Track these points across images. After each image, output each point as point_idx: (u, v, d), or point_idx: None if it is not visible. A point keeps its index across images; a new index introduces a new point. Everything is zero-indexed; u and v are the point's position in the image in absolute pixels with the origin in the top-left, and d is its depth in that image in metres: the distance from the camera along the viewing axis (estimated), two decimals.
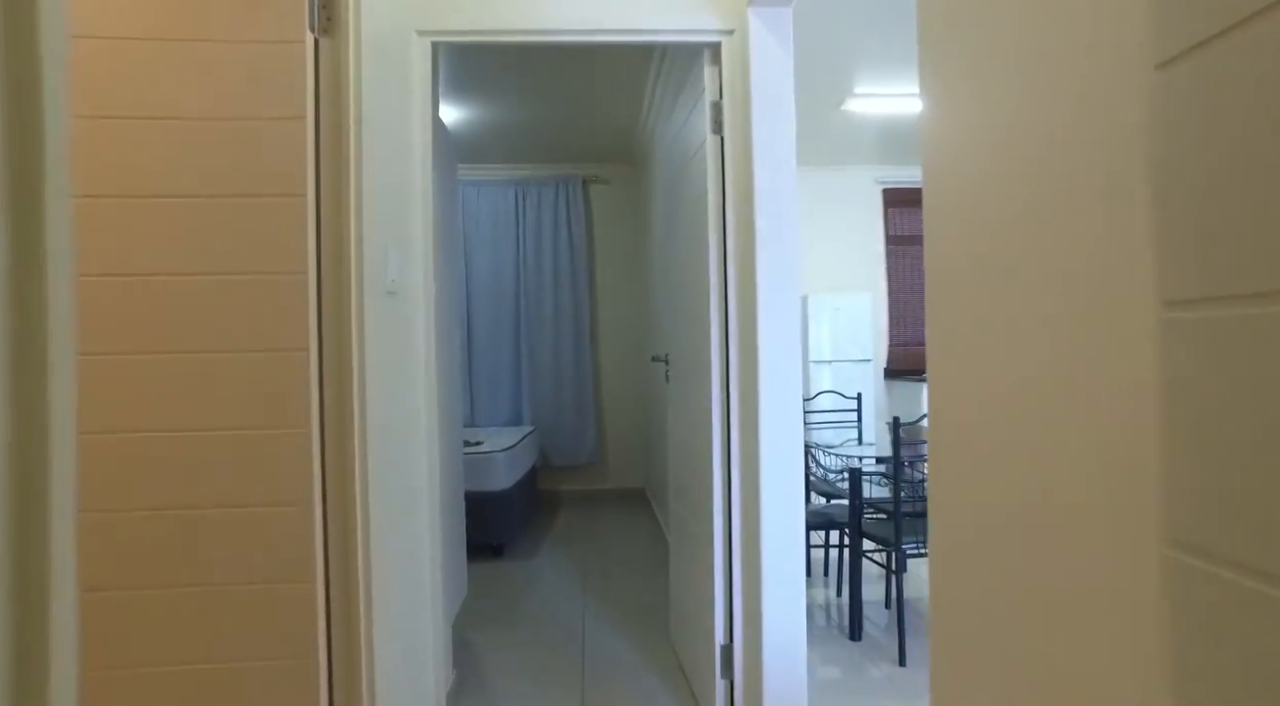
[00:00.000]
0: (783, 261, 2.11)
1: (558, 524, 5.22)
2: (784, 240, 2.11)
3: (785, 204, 2.13)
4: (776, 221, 2.11)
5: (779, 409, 2.06)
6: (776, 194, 2.12)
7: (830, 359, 5.53)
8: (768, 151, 2.14)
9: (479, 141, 5.32)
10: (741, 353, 2.14)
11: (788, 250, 2.12)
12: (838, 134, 5.18)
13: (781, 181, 2.14)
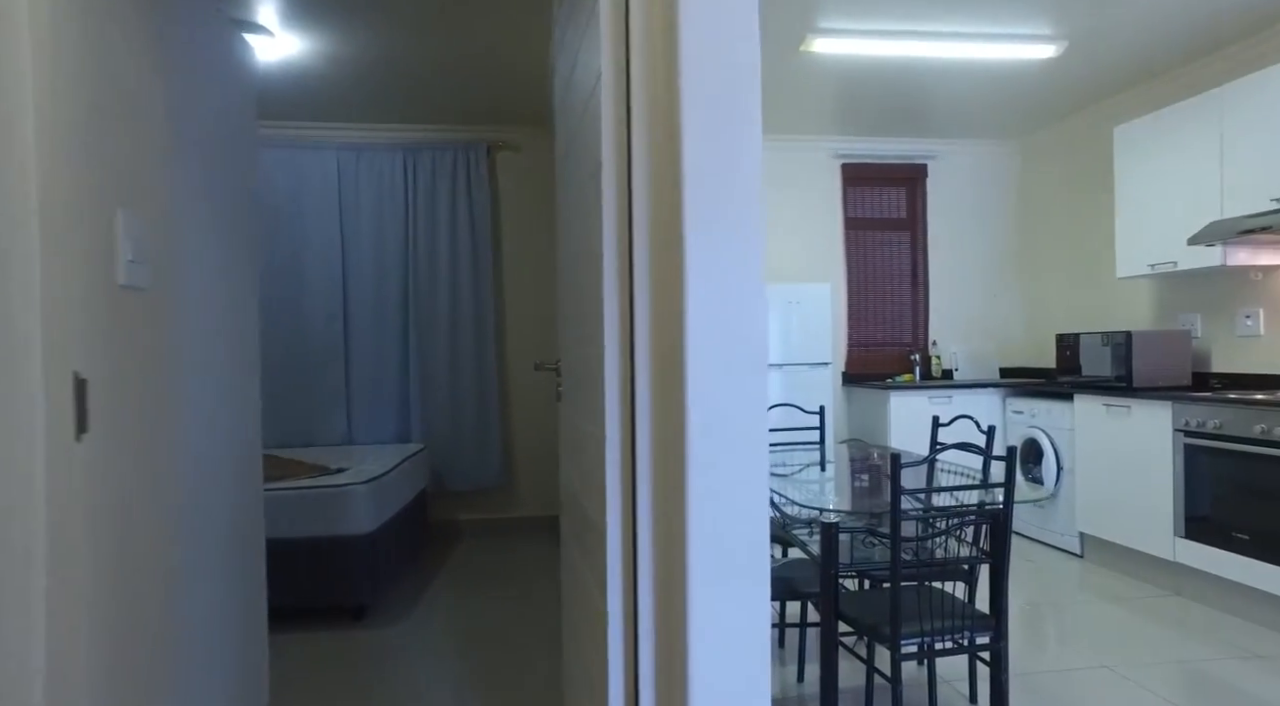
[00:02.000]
0: (729, 250, 1.15)
1: (449, 564, 4.19)
2: (732, 222, 1.16)
3: (736, 169, 1.18)
4: (719, 195, 1.16)
5: (721, 456, 1.12)
6: (721, 154, 1.16)
7: (783, 362, 4.66)
8: (705, 83, 1.18)
9: (353, 91, 4.25)
10: (657, 370, 1.19)
11: (738, 236, 1.16)
12: (792, 91, 4.30)
13: (731, 134, 1.18)
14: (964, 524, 2.05)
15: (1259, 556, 3.08)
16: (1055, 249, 5.12)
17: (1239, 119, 3.44)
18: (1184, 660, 2.79)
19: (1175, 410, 3.45)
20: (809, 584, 2.43)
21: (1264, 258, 3.58)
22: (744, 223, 1.09)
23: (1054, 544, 4.31)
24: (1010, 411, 4.63)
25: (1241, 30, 3.58)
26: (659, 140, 1.19)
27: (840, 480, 2.69)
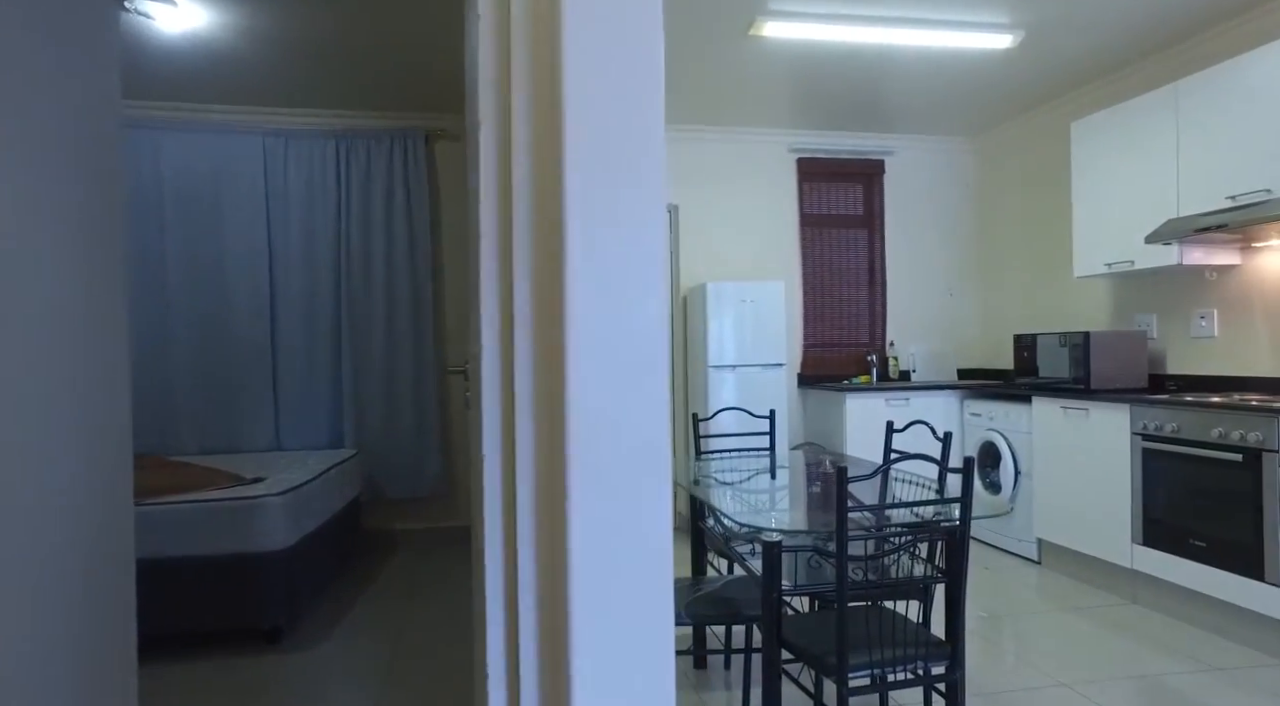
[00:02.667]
0: (620, 231, 0.95)
1: (382, 578, 3.92)
2: (625, 196, 0.95)
3: (630, 133, 0.96)
4: (609, 162, 0.94)
5: (609, 470, 0.91)
6: (612, 115, 0.95)
7: (736, 364, 4.48)
8: (593, 34, 0.96)
9: (279, 72, 3.96)
10: (541, 370, 0.97)
11: (632, 214, 0.95)
12: (744, 80, 4.12)
13: (623, 92, 0.96)
14: (918, 540, 1.88)
15: (1216, 564, 2.98)
16: (1013, 247, 5.03)
17: (1194, 115, 3.36)
18: (1143, 674, 2.66)
19: (1133, 413, 3.35)
20: (754, 605, 2.24)
21: (1218, 257, 3.50)
22: (639, 198, 0.89)
23: (1012, 550, 4.20)
24: (968, 414, 4.51)
25: (1198, 23, 3.49)
26: (543, 108, 0.97)
27: (792, 489, 2.51)
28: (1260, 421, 2.83)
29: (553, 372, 0.93)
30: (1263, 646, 2.86)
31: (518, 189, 0.98)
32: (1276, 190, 3.02)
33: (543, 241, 0.96)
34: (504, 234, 1.00)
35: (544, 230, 0.96)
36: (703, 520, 2.83)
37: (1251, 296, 3.48)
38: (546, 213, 0.97)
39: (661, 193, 0.93)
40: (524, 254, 0.96)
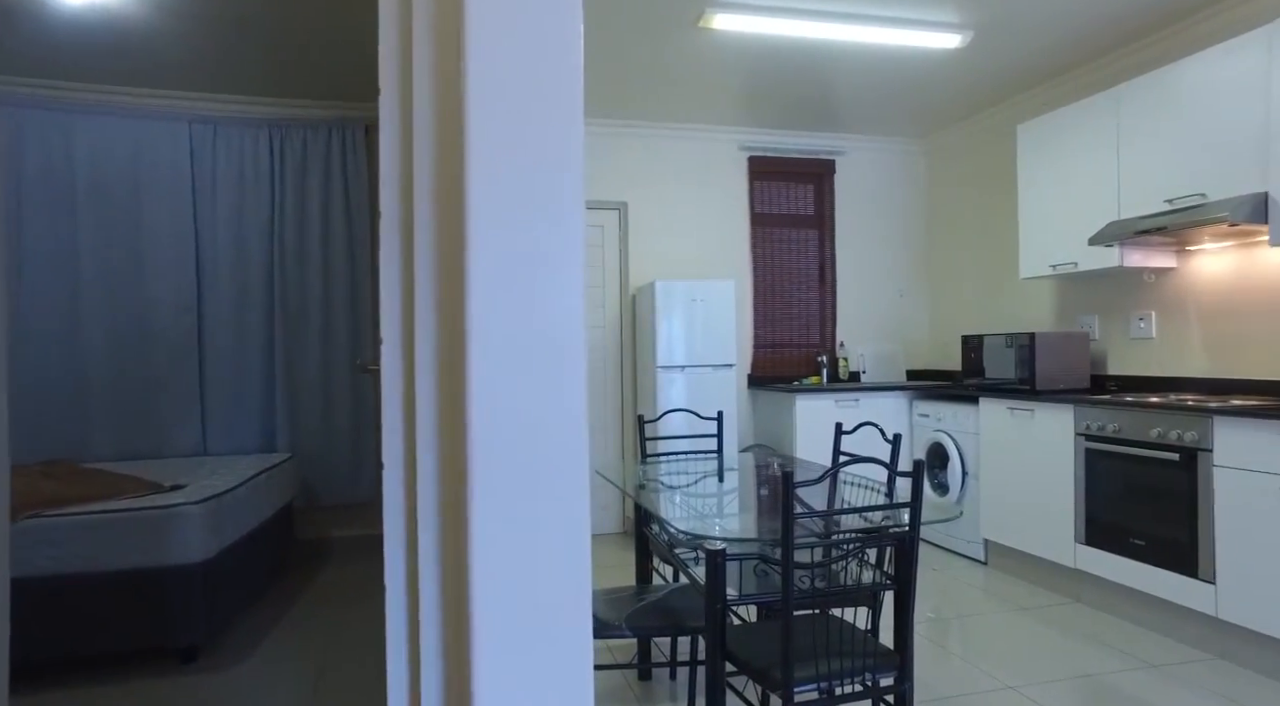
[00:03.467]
0: (532, 211, 0.84)
1: (313, 589, 3.73)
2: (539, 192, 0.84)
3: (543, 123, 0.86)
4: (518, 133, 0.84)
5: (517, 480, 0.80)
6: (520, 101, 0.85)
7: (685, 364, 4.40)
8: (495, 8, 0.86)
9: (205, 55, 3.73)
10: (444, 368, 0.86)
11: (545, 191, 0.84)
12: (694, 75, 4.05)
13: (537, 73, 0.87)
14: (867, 546, 1.81)
15: (1154, 562, 3.01)
16: (962, 249, 5.07)
17: (1134, 119, 3.40)
18: (1086, 674, 2.66)
19: (1077, 413, 3.38)
20: (698, 615, 2.15)
21: (1156, 259, 3.55)
22: (555, 183, 0.78)
23: (959, 551, 4.21)
24: (917, 415, 4.52)
25: (1140, 29, 3.54)
26: (447, 82, 0.86)
27: (741, 492, 2.43)
28: (1196, 421, 2.86)
29: (456, 373, 0.82)
30: (1196, 642, 2.90)
31: (419, 173, 0.86)
32: (1210, 194, 3.07)
33: (447, 230, 0.85)
34: (405, 221, 0.88)
35: (448, 217, 0.85)
36: (647, 526, 2.74)
37: (1186, 299, 3.54)
38: (451, 199, 0.85)
39: (580, 177, 0.83)
40: (426, 242, 0.85)
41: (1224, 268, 3.38)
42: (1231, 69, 3.00)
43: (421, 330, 0.85)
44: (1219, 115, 3.04)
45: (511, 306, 0.76)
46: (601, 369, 4.86)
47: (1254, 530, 2.65)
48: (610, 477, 2.68)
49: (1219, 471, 2.77)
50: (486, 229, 0.77)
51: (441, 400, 0.84)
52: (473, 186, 0.78)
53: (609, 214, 4.90)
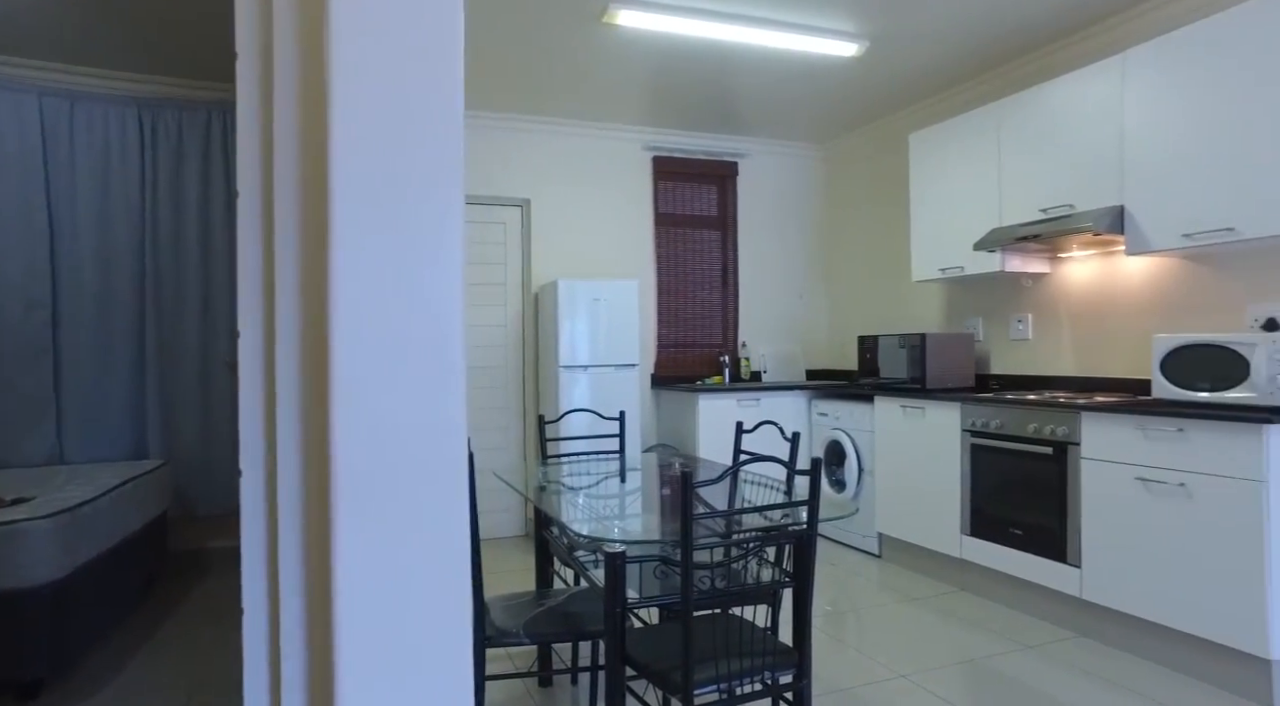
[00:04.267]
0: (404, 196, 0.77)
1: (186, 607, 3.45)
2: (414, 178, 0.76)
3: (418, 102, 0.79)
4: (389, 133, 0.77)
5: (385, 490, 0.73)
6: (392, 75, 0.78)
7: (589, 364, 4.35)
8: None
9: (59, 21, 3.39)
10: (308, 365, 0.78)
11: (419, 175, 0.77)
12: (599, 72, 4.01)
13: (411, 46, 0.79)
14: (766, 544, 1.82)
15: (1029, 549, 3.19)
16: (858, 252, 5.24)
17: (1012, 133, 3.60)
18: (971, 658, 2.78)
19: (963, 411, 3.54)
20: (599, 619, 2.10)
21: (1033, 265, 3.77)
22: (432, 169, 0.72)
23: (855, 545, 4.35)
24: (816, 413, 4.63)
25: (1020, 48, 3.75)
26: (310, 50, 0.78)
27: (644, 493, 2.40)
28: (1066, 417, 3.04)
29: (322, 370, 0.74)
30: (1064, 622, 3.09)
31: (281, 149, 0.78)
32: (1078, 205, 3.28)
33: (311, 212, 0.76)
34: (266, 201, 0.79)
35: (313, 198, 0.77)
36: (547, 529, 2.67)
37: (1059, 302, 3.77)
38: (315, 178, 0.77)
39: (460, 162, 0.77)
40: (289, 225, 0.77)
41: (1089, 274, 3.62)
42: (1091, 92, 3.21)
43: (283, 322, 0.77)
44: (1082, 133, 3.26)
45: (382, 296, 0.69)
46: (502, 369, 4.74)
47: (1113, 516, 2.85)
48: (509, 480, 2.59)
49: (1085, 463, 2.96)
50: (353, 212, 0.69)
51: (305, 399, 0.76)
52: (337, 165, 0.70)
53: (511, 211, 4.79)
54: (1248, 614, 2.45)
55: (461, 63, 0.75)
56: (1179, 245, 2.90)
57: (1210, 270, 3.12)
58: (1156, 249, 2.98)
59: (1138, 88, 3.04)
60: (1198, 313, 3.16)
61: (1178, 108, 2.90)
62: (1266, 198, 2.63)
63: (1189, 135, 2.86)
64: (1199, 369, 2.74)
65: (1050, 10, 3.33)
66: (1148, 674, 2.67)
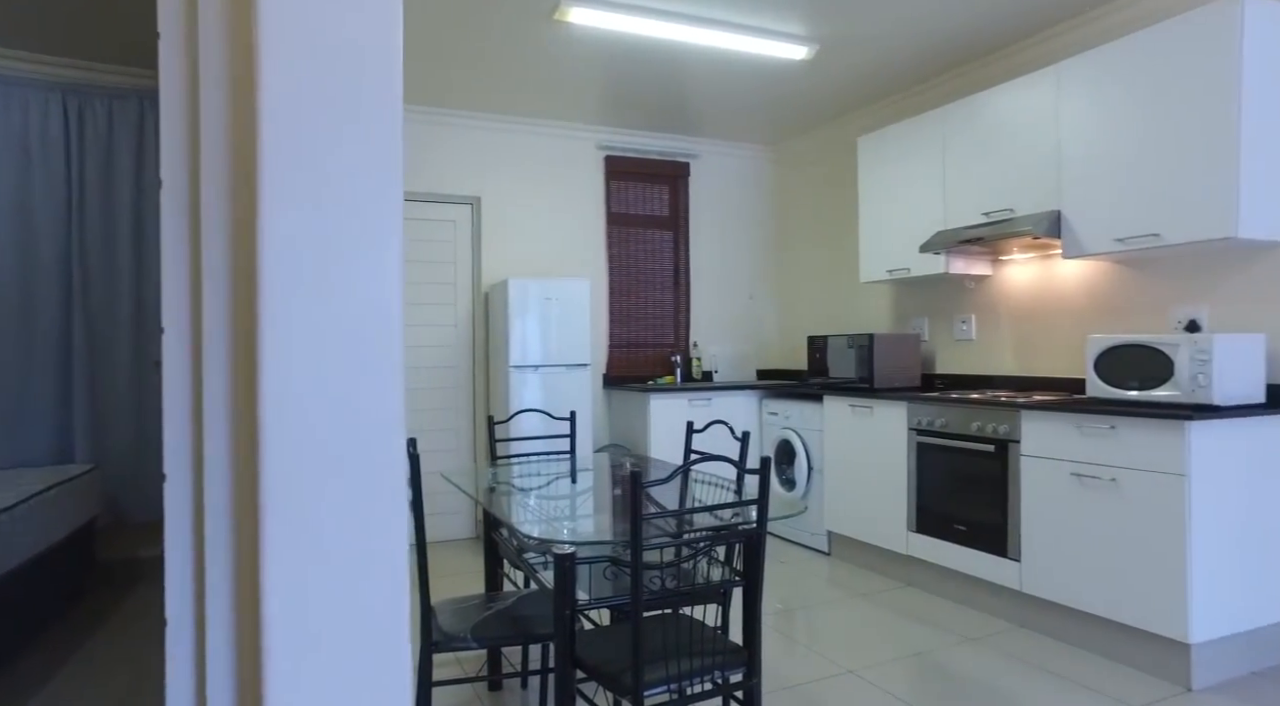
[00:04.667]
0: (336, 200, 0.75)
1: (116, 619, 3.30)
2: (346, 163, 0.74)
3: (352, 79, 0.77)
4: (320, 113, 0.73)
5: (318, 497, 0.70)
6: (324, 48, 0.75)
7: (540, 364, 4.31)
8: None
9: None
10: (240, 367, 0.74)
11: (356, 181, 0.75)
12: (551, 71, 3.97)
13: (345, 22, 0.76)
14: (716, 544, 1.82)
15: (972, 545, 3.27)
16: (808, 253, 5.31)
17: (957, 138, 3.68)
18: (917, 652, 2.84)
19: (910, 410, 3.61)
20: (548, 621, 2.08)
21: (976, 267, 3.87)
22: (366, 154, 0.69)
23: (805, 543, 4.40)
24: (766, 413, 4.68)
25: (965, 56, 3.85)
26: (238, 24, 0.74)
27: (596, 494, 2.38)
28: (1007, 415, 3.13)
29: (253, 368, 0.70)
30: (1005, 614, 3.18)
31: (208, 141, 0.74)
32: (1018, 209, 3.38)
33: (240, 198, 0.73)
34: (192, 186, 0.75)
35: (241, 190, 0.73)
36: (496, 531, 2.63)
37: (1000, 304, 3.88)
38: (244, 169, 0.74)
39: (398, 152, 0.74)
40: (216, 213, 0.73)
41: (1029, 276, 3.73)
42: (1030, 101, 3.31)
43: (211, 318, 0.73)
44: (1022, 140, 3.36)
45: (315, 291, 0.66)
46: (452, 369, 4.66)
47: (1050, 511, 2.94)
48: (457, 482, 2.55)
49: (1025, 460, 3.05)
50: (284, 203, 0.66)
51: (235, 398, 0.72)
52: (267, 154, 0.67)
53: (461, 208, 4.72)
54: (1170, 601, 2.56)
55: (400, 46, 0.73)
56: (1111, 249, 3.01)
57: (1140, 274, 3.24)
58: (1091, 253, 3.09)
59: (1071, 98, 3.14)
60: (1129, 314, 3.28)
61: (1108, 118, 3.01)
62: (1188, 206, 2.74)
63: (1118, 144, 2.97)
64: (1129, 368, 2.85)
65: (990, 22, 3.42)
66: (1081, 661, 2.76)
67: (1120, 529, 2.71)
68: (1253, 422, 2.68)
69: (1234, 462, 2.63)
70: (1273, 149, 2.74)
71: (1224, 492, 2.60)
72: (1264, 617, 2.68)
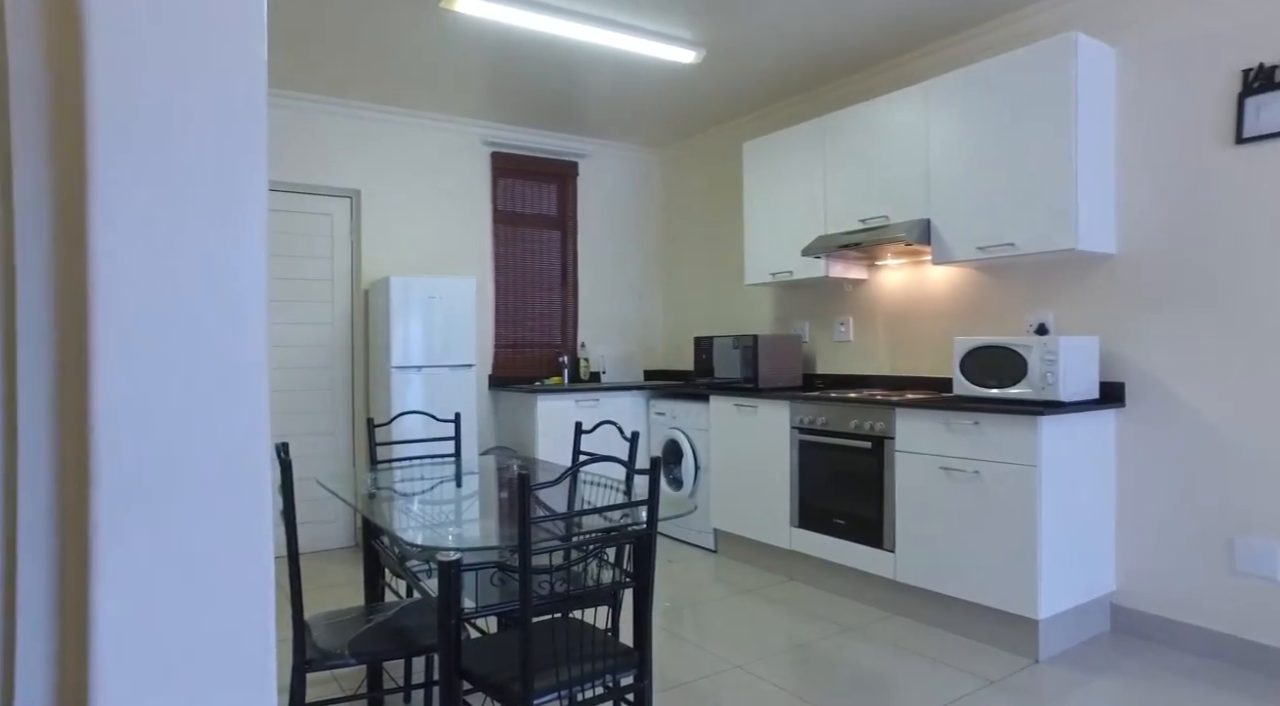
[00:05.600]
0: (185, 173, 0.67)
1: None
2: (196, 135, 0.67)
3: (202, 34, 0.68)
4: (166, 74, 0.65)
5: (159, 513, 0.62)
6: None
7: (423, 364, 4.15)
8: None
9: None
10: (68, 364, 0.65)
11: (208, 156, 0.67)
12: (436, 61, 3.83)
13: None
14: (606, 546, 1.79)
15: (850, 538, 3.42)
16: (695, 255, 5.39)
17: (836, 147, 3.85)
18: (800, 643, 2.93)
19: (792, 409, 3.73)
20: (433, 632, 1.99)
21: (854, 272, 4.06)
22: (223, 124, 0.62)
23: (692, 541, 4.46)
24: (654, 413, 4.71)
25: (846, 67, 4.02)
26: None
27: (482, 497, 2.30)
28: (883, 413, 3.29)
29: (80, 364, 0.61)
30: (882, 603, 3.34)
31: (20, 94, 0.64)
32: (893, 217, 3.56)
33: (64, 163, 0.63)
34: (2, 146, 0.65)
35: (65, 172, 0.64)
36: (377, 539, 2.50)
37: (875, 307, 4.08)
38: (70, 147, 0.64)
39: (261, 137, 0.67)
40: (34, 180, 0.63)
41: (901, 281, 3.95)
42: (903, 114, 3.51)
43: (26, 304, 0.63)
44: (896, 151, 3.54)
45: (160, 285, 0.58)
46: (329, 370, 4.42)
47: (922, 503, 3.11)
48: (334, 488, 2.40)
49: (899, 456, 3.21)
50: (122, 173, 0.58)
51: (61, 401, 0.63)
52: (98, 113, 0.58)
53: (339, 202, 4.48)
54: (1023, 582, 2.77)
55: (264, 16, 0.66)
56: (974, 257, 3.22)
57: (999, 280, 3.49)
58: (957, 259, 3.29)
59: (939, 114, 3.35)
60: (990, 318, 3.53)
61: (970, 135, 3.22)
62: (1037, 219, 2.98)
63: (979, 160, 3.19)
64: (990, 368, 3.06)
65: (869, 37, 3.59)
66: (948, 642, 2.93)
67: (982, 518, 2.91)
68: (1088, 417, 2.94)
69: (1073, 453, 2.88)
70: (1104, 172, 3.02)
71: (1064, 481, 2.84)
72: (1092, 592, 2.95)
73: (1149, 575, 2.96)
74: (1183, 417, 2.88)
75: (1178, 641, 2.87)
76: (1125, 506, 3.03)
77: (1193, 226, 2.86)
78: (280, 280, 4.29)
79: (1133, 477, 3.01)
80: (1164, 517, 2.93)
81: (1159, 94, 2.94)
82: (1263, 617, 2.67)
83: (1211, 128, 2.80)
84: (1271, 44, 2.65)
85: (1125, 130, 3.04)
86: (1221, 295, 2.78)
